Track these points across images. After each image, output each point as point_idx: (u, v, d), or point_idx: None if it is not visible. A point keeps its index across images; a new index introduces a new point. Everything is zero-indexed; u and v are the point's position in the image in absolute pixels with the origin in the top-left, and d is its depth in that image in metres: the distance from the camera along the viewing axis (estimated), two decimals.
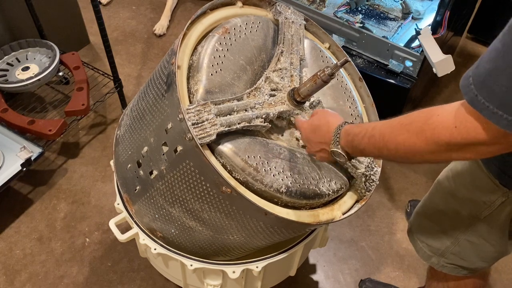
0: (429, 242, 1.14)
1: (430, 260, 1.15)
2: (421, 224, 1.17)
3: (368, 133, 0.80)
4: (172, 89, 0.88)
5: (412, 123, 0.72)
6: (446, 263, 1.12)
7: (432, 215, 1.13)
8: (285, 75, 1.02)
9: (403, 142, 0.73)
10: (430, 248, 1.14)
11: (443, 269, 1.14)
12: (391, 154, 0.77)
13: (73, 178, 1.85)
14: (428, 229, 1.14)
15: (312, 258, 1.67)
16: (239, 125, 0.90)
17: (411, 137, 0.71)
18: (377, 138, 0.78)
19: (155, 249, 1.13)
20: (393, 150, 0.75)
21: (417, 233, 1.18)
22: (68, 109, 1.77)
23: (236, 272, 1.11)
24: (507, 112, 0.57)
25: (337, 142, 0.87)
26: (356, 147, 0.84)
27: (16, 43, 1.88)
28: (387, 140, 0.76)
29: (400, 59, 1.74)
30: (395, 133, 0.74)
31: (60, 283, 1.56)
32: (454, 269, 1.12)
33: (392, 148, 0.75)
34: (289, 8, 1.13)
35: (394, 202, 1.84)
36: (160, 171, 0.97)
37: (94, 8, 1.63)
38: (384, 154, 0.79)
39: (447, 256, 1.11)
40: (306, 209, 0.99)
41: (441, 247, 1.11)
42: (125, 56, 2.39)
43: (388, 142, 0.76)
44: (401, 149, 0.74)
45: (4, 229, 1.69)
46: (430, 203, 1.14)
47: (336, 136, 0.87)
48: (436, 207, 1.11)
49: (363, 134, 0.81)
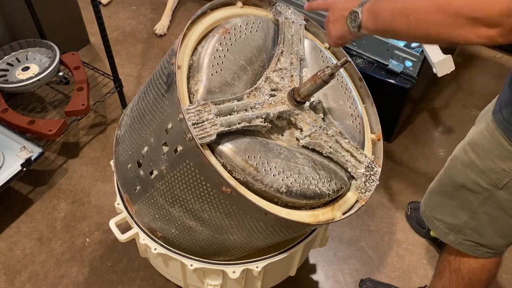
0: (446, 219, 1.14)
1: (447, 237, 1.16)
2: (437, 201, 1.17)
3: None
4: (172, 89, 0.88)
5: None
6: (463, 239, 1.13)
7: (448, 191, 1.13)
8: (285, 75, 1.02)
9: (426, 13, 0.70)
10: (447, 225, 1.14)
11: (460, 247, 1.14)
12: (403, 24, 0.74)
13: (73, 178, 1.85)
14: (445, 206, 1.14)
15: (312, 258, 1.67)
16: (239, 125, 0.90)
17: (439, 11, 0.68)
18: (398, 5, 0.75)
19: (155, 249, 1.13)
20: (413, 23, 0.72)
21: (432, 212, 1.18)
22: (68, 109, 1.77)
23: (236, 272, 1.11)
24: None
25: (361, 5, 0.84)
26: (374, 13, 0.81)
27: (16, 43, 1.88)
28: (409, 7, 0.73)
29: (400, 59, 1.74)
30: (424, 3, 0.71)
31: (60, 283, 1.56)
32: (471, 246, 1.13)
33: (412, 21, 0.72)
34: (289, 8, 1.13)
35: (394, 202, 1.84)
36: (160, 171, 0.97)
37: (94, 8, 1.63)
38: (396, 24, 0.76)
39: (465, 231, 1.11)
40: (306, 209, 0.99)
41: (459, 223, 1.11)
42: (125, 56, 2.39)
43: (409, 10, 0.73)
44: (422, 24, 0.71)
45: (4, 229, 1.69)
46: (447, 178, 1.14)
47: (362, 3, 0.84)
48: (453, 182, 1.10)
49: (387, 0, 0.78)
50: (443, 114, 2.17)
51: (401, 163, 1.97)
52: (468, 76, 2.34)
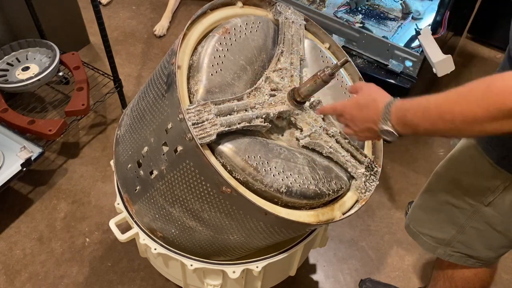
0: (433, 234, 1.13)
1: (436, 251, 1.15)
2: (423, 217, 1.16)
3: (421, 106, 0.76)
4: (172, 89, 0.88)
5: (471, 90, 0.68)
6: (452, 251, 1.12)
7: (433, 207, 1.12)
8: (285, 75, 1.02)
9: (461, 112, 0.69)
10: (434, 240, 1.13)
11: (450, 258, 1.13)
12: (447, 127, 0.72)
13: (73, 178, 1.85)
14: (431, 221, 1.13)
15: (312, 258, 1.67)
16: (239, 125, 0.90)
17: (470, 105, 0.67)
18: (432, 110, 0.73)
19: (155, 249, 1.13)
20: (449, 122, 0.71)
21: (418, 227, 1.17)
22: (68, 109, 1.77)
23: (236, 272, 1.11)
24: None
25: (387, 120, 0.82)
26: (408, 123, 0.79)
27: (16, 43, 1.88)
28: (444, 111, 0.72)
29: (400, 59, 1.74)
30: (452, 103, 0.70)
31: (60, 283, 1.56)
32: (461, 257, 1.12)
33: (448, 119, 0.71)
34: (289, 8, 1.13)
35: (394, 202, 1.84)
36: (160, 171, 0.97)
37: (94, 8, 1.63)
38: (439, 127, 0.74)
39: (453, 244, 1.10)
40: (306, 209, 0.99)
41: (447, 237, 1.10)
42: (125, 56, 2.39)
43: (445, 113, 0.71)
44: (458, 119, 0.70)
45: (4, 229, 1.69)
46: (431, 195, 1.13)
47: (386, 114, 0.82)
48: (438, 198, 1.10)
49: (416, 108, 0.77)
50: None
51: (401, 163, 1.97)
52: (468, 76, 2.34)
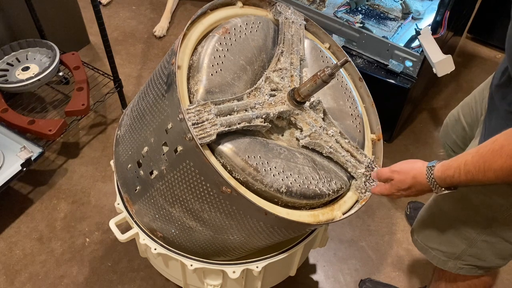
0: (443, 249, 1.12)
1: (446, 265, 1.13)
2: (431, 232, 1.14)
3: (462, 171, 0.82)
4: (172, 89, 0.88)
5: (503, 147, 0.74)
6: (463, 265, 1.11)
7: (442, 223, 1.11)
8: (285, 75, 1.02)
9: (500, 169, 0.75)
10: (445, 254, 1.12)
11: (460, 271, 1.13)
12: (493, 181, 0.79)
13: (73, 178, 1.85)
14: (440, 236, 1.12)
15: (312, 258, 1.67)
16: (239, 125, 0.90)
17: (507, 160, 0.74)
18: (473, 172, 0.80)
19: (155, 249, 1.13)
20: (493, 178, 0.78)
21: (426, 241, 1.16)
22: (68, 109, 1.77)
23: (236, 272, 1.11)
24: None
25: (440, 189, 0.88)
26: (457, 184, 0.85)
27: (16, 43, 1.88)
28: (484, 170, 0.78)
29: (400, 59, 1.74)
30: (490, 162, 0.77)
31: (60, 283, 1.56)
32: (471, 269, 1.11)
33: (491, 177, 0.78)
34: (289, 8, 1.13)
35: (394, 202, 1.84)
36: (160, 171, 0.97)
37: (94, 8, 1.63)
38: (486, 182, 0.80)
39: (464, 258, 1.09)
40: (306, 209, 0.99)
41: (457, 251, 1.09)
42: (125, 56, 2.39)
43: (487, 172, 0.78)
44: (500, 175, 0.76)
45: (4, 229, 1.69)
46: (438, 211, 1.11)
47: (435, 185, 0.88)
48: (446, 214, 1.09)
49: (458, 174, 0.83)
50: (443, 114, 2.17)
51: None
52: (468, 76, 2.34)
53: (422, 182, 0.89)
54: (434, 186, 0.88)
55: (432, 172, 0.87)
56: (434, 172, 0.87)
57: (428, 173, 0.88)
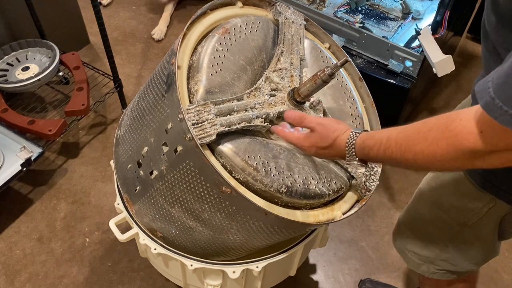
0: (417, 251, 1.13)
1: (420, 269, 1.14)
2: (407, 234, 1.15)
3: (383, 145, 0.76)
4: (172, 89, 0.88)
5: (431, 130, 0.67)
6: (436, 269, 1.11)
7: (417, 225, 1.12)
8: (285, 75, 1.02)
9: (421, 151, 0.68)
10: (419, 257, 1.13)
11: (434, 276, 1.13)
12: (409, 164, 0.73)
13: (73, 178, 1.85)
14: (415, 239, 1.12)
15: (312, 258, 1.67)
16: (239, 125, 0.90)
17: (430, 145, 0.66)
18: (393, 149, 0.74)
19: (155, 249, 1.13)
20: (411, 160, 0.71)
21: (403, 243, 1.17)
22: (68, 109, 1.77)
23: (236, 272, 1.11)
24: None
25: (353, 157, 0.83)
26: (373, 159, 0.81)
27: (16, 43, 1.88)
28: (404, 149, 0.71)
29: (400, 59, 1.74)
30: (413, 142, 0.70)
31: (60, 283, 1.56)
32: (444, 274, 1.12)
33: (410, 158, 0.71)
34: (289, 8, 1.13)
35: (394, 202, 1.84)
36: (160, 171, 0.97)
37: (94, 8, 1.63)
38: (403, 165, 0.74)
39: (437, 263, 1.10)
40: (306, 209, 0.99)
41: (430, 255, 1.10)
42: (125, 56, 2.39)
43: (406, 152, 0.71)
44: (419, 159, 0.69)
45: (4, 229, 1.69)
46: (414, 213, 1.12)
47: (351, 152, 0.83)
48: (422, 217, 1.09)
49: (378, 147, 0.77)
50: None
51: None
52: (468, 76, 2.34)
53: (340, 146, 0.84)
54: (349, 153, 0.82)
55: (354, 138, 0.82)
56: (357, 140, 0.81)
57: (350, 138, 0.82)
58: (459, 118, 0.63)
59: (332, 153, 0.88)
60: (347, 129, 0.85)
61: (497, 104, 0.55)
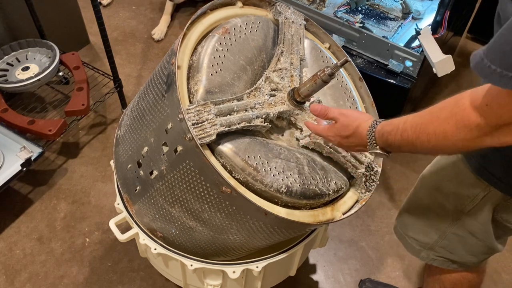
0: (417, 237, 1.15)
1: (419, 255, 1.16)
2: (408, 220, 1.17)
3: (400, 129, 0.77)
4: (172, 89, 0.88)
5: (442, 109, 0.69)
6: (435, 256, 1.13)
7: (417, 211, 1.13)
8: (285, 75, 1.02)
9: (433, 132, 0.70)
10: (418, 243, 1.15)
11: (433, 262, 1.15)
12: (424, 146, 0.74)
13: (73, 178, 1.85)
14: (415, 224, 1.14)
15: (312, 258, 1.67)
16: (239, 125, 0.90)
17: (441, 124, 0.68)
18: (409, 132, 0.75)
19: (155, 249, 1.13)
20: (425, 142, 0.72)
21: (404, 229, 1.19)
22: (68, 109, 1.77)
23: (236, 272, 1.11)
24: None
25: (374, 145, 0.84)
26: (392, 145, 0.81)
27: (16, 43, 1.87)
28: (419, 131, 0.73)
29: (400, 59, 1.74)
30: (426, 123, 0.72)
31: (60, 283, 1.56)
32: (444, 262, 1.13)
33: (424, 140, 0.72)
34: (289, 8, 1.13)
35: (394, 202, 1.84)
36: (160, 171, 0.97)
37: (94, 8, 1.63)
38: (418, 148, 0.75)
39: (436, 249, 1.11)
40: (306, 209, 0.99)
41: (429, 241, 1.11)
42: (125, 56, 2.39)
43: (420, 134, 0.73)
44: (432, 139, 0.71)
45: (4, 229, 1.69)
46: (415, 198, 1.14)
47: (372, 140, 0.84)
48: (421, 202, 1.11)
49: (395, 131, 0.78)
50: None
51: (401, 163, 1.97)
52: (468, 76, 2.34)
53: (362, 134, 0.85)
54: (370, 141, 0.84)
55: (375, 127, 0.83)
56: (377, 128, 0.83)
57: (371, 126, 0.84)
58: (467, 95, 0.65)
59: (354, 142, 0.88)
60: (369, 118, 0.87)
61: (486, 64, 0.57)
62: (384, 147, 0.83)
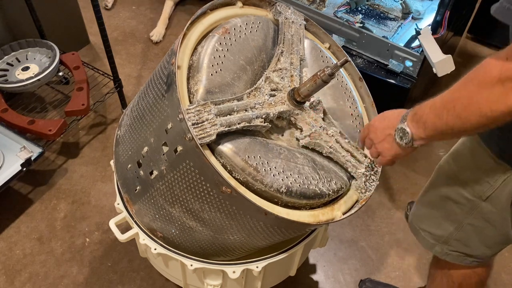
0: (432, 230, 1.14)
1: (433, 249, 1.15)
2: (423, 212, 1.16)
3: (430, 102, 0.80)
4: (172, 89, 0.88)
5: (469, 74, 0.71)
6: (450, 250, 1.12)
7: (434, 202, 1.12)
8: (285, 75, 1.02)
9: (459, 97, 0.72)
10: (433, 236, 1.14)
11: (447, 257, 1.13)
12: (450, 116, 0.74)
13: (73, 178, 1.85)
14: (430, 217, 1.14)
15: (312, 258, 1.67)
16: (239, 125, 0.90)
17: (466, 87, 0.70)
18: (437, 103, 0.77)
19: (155, 249, 1.13)
20: (451, 110, 0.73)
21: (419, 223, 1.18)
22: (68, 109, 1.77)
23: (236, 272, 1.11)
24: None
25: (404, 120, 0.85)
26: (419, 120, 0.82)
27: (16, 43, 1.88)
28: (446, 100, 0.75)
29: (400, 59, 1.74)
30: (452, 91, 0.74)
31: (60, 283, 1.56)
32: (458, 256, 1.12)
33: (450, 108, 0.74)
34: (289, 8, 1.13)
35: (394, 202, 1.84)
36: (160, 171, 0.97)
37: (94, 8, 1.63)
38: (444, 119, 0.76)
39: (451, 243, 1.10)
40: (306, 209, 0.99)
41: (444, 234, 1.10)
42: (125, 56, 2.39)
43: (447, 102, 0.74)
44: (458, 106, 0.72)
45: (4, 229, 1.69)
46: (432, 189, 1.13)
47: (404, 116, 0.85)
48: (438, 192, 1.10)
49: (425, 104, 0.81)
50: None
51: (401, 163, 1.97)
52: None
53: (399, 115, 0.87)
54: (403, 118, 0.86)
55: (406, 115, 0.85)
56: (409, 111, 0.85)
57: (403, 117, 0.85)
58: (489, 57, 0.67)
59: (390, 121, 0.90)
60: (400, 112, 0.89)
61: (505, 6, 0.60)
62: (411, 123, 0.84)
